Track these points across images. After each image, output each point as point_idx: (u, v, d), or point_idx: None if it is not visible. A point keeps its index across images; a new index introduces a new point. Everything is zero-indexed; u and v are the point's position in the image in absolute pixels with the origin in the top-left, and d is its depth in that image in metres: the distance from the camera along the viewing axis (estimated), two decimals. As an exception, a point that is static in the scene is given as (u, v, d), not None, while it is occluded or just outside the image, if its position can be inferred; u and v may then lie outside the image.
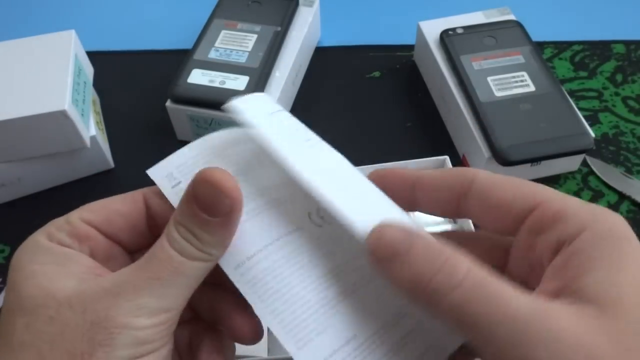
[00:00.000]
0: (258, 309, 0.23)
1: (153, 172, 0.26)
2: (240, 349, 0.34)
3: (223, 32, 0.52)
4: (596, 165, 0.48)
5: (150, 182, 0.35)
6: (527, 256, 0.21)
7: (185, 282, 0.21)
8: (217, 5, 0.55)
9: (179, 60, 0.50)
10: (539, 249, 0.20)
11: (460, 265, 0.18)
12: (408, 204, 0.24)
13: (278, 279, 0.23)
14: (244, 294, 0.23)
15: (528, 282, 0.21)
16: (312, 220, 0.26)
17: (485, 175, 0.22)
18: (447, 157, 0.43)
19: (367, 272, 0.24)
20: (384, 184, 0.24)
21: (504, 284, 0.18)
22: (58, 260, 0.22)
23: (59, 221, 0.24)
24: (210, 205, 0.21)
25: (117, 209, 0.24)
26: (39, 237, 0.23)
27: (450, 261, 0.18)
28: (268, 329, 0.36)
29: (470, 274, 0.18)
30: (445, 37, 0.51)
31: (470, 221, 0.39)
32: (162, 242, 0.21)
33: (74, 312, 0.20)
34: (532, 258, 0.21)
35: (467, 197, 0.22)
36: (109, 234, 0.24)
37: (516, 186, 0.21)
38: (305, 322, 0.23)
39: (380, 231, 0.20)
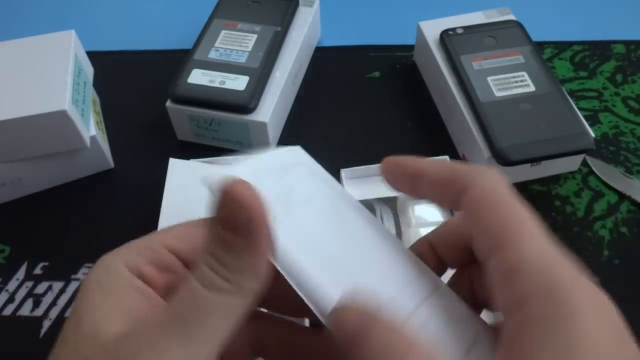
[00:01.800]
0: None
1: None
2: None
3: (223, 32, 0.52)
4: (596, 165, 0.48)
5: (150, 182, 0.35)
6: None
7: (217, 324, 0.18)
8: (217, 5, 0.55)
9: (179, 60, 0.50)
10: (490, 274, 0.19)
11: None
12: (414, 194, 0.23)
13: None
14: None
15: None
16: None
17: (478, 193, 0.20)
18: (447, 157, 0.43)
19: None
20: (392, 173, 0.23)
21: None
22: (123, 295, 0.20)
23: (140, 244, 0.21)
24: (230, 219, 0.18)
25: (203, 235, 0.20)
26: (115, 261, 0.21)
27: (407, 357, 0.17)
28: None
29: None
30: (445, 37, 0.51)
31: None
32: (187, 275, 0.19)
33: (107, 357, 0.18)
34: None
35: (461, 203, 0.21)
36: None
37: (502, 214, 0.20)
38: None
39: (338, 313, 0.19)
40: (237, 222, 0.18)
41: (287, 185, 0.24)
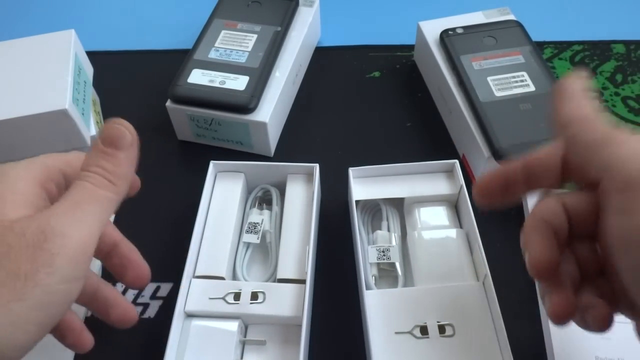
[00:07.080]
0: None
1: None
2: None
3: (223, 32, 0.52)
4: (596, 165, 0.48)
5: (150, 182, 0.34)
6: None
7: (99, 210, 0.25)
8: (217, 5, 0.55)
9: (179, 60, 0.50)
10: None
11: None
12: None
13: None
14: None
15: None
16: None
17: None
18: (456, 162, 0.42)
19: None
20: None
21: None
22: (27, 192, 0.25)
23: (40, 161, 0.27)
24: (116, 140, 0.26)
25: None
26: (19, 169, 0.26)
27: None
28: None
29: None
30: (445, 37, 0.51)
31: (475, 228, 0.39)
32: (77, 181, 0.25)
33: (15, 235, 0.23)
34: None
35: None
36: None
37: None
38: None
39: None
40: (122, 141, 0.26)
41: None
